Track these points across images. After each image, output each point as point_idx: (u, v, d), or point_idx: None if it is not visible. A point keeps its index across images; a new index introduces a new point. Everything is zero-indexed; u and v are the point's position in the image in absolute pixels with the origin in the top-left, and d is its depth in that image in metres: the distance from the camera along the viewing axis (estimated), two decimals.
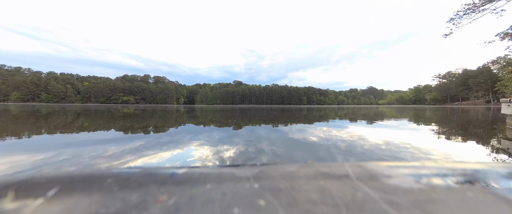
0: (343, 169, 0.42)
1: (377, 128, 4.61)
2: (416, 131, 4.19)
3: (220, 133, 3.80)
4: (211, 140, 3.07)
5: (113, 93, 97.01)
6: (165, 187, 0.35)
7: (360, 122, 6.06)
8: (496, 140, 3.16)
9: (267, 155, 2.24)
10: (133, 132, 3.91)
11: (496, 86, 46.54)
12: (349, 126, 5.11)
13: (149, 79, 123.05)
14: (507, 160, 2.14)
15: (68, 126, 4.80)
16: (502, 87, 41.83)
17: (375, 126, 5.13)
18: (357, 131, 4.16)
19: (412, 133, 3.83)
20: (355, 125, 5.35)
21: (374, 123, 5.77)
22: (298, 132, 3.97)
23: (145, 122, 5.80)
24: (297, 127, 4.85)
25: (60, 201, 0.31)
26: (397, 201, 0.31)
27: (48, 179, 0.36)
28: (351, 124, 5.49)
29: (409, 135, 3.65)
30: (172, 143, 2.84)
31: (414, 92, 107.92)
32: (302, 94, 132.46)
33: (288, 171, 0.41)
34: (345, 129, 4.49)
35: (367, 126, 5.10)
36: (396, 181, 0.38)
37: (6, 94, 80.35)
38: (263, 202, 0.31)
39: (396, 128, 4.68)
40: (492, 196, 0.33)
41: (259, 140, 3.03)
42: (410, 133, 3.82)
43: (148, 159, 2.08)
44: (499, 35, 16.62)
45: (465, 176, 0.40)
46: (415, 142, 2.99)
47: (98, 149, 2.43)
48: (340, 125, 5.33)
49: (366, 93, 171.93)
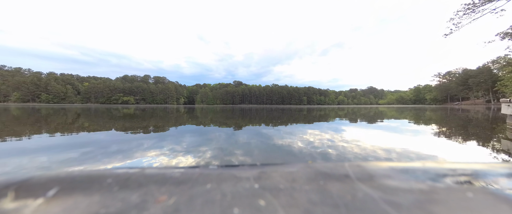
0: (343, 169, 0.42)
1: (377, 128, 4.60)
2: (416, 130, 4.19)
3: (220, 133, 3.80)
4: (211, 140, 3.07)
5: (113, 93, 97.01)
6: (165, 187, 0.35)
7: (360, 122, 6.06)
8: (496, 140, 3.16)
9: (267, 155, 2.24)
10: (133, 132, 3.91)
11: (496, 86, 46.55)
12: (349, 125, 5.11)
13: (149, 80, 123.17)
14: (507, 160, 2.15)
15: (73, 126, 4.80)
16: (502, 87, 41.83)
17: (375, 125, 5.13)
18: (357, 131, 4.16)
19: (412, 133, 3.82)
20: (355, 125, 5.35)
21: (374, 123, 5.77)
22: (298, 132, 3.97)
23: (145, 123, 5.80)
24: (297, 127, 4.85)
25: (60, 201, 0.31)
26: (397, 201, 0.31)
27: (48, 179, 0.36)
28: (351, 124, 5.49)
29: (409, 135, 3.65)
30: (172, 143, 2.84)
31: (414, 92, 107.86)
32: (302, 94, 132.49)
33: (288, 171, 0.41)
34: (345, 129, 4.48)
35: (367, 126, 5.10)
36: (396, 181, 0.38)
37: (6, 94, 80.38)
38: (263, 202, 0.31)
39: (396, 127, 4.68)
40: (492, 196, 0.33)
41: (259, 140, 3.03)
42: (410, 133, 3.82)
43: (148, 159, 2.08)
44: (499, 35, 16.62)
45: (465, 176, 0.40)
46: (415, 142, 2.99)
47: (98, 149, 2.43)
48: (340, 125, 5.33)
49: (366, 93, 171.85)
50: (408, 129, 4.42)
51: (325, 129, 4.46)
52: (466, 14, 13.19)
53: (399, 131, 4.18)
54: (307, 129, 4.38)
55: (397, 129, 4.51)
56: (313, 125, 5.31)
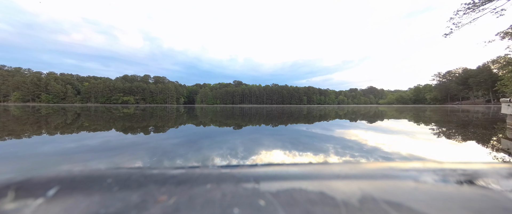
0: (343, 169, 0.42)
1: (377, 128, 4.60)
2: (416, 130, 4.19)
3: (220, 133, 3.80)
4: (211, 140, 3.07)
5: (113, 93, 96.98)
6: (165, 187, 0.35)
7: (360, 122, 6.06)
8: (496, 140, 3.16)
9: (267, 154, 2.24)
10: (133, 132, 3.91)
11: (496, 85, 46.50)
12: (348, 125, 5.11)
13: (149, 79, 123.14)
14: (507, 160, 2.15)
15: (76, 126, 4.80)
16: (502, 86, 41.82)
17: (375, 125, 5.12)
18: (357, 131, 4.16)
19: (412, 133, 3.82)
20: (355, 125, 5.35)
21: (374, 123, 5.77)
22: (298, 131, 3.97)
23: (145, 122, 5.80)
24: (297, 127, 4.85)
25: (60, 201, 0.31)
26: (397, 201, 0.32)
27: (48, 179, 0.37)
28: (351, 124, 5.48)
29: (409, 134, 3.65)
30: (172, 143, 2.84)
31: (414, 92, 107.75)
32: (302, 94, 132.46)
33: (288, 171, 0.42)
34: (345, 128, 4.49)
35: (367, 125, 5.10)
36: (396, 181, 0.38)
37: (6, 94, 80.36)
38: (263, 202, 0.31)
39: (396, 127, 4.68)
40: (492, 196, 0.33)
41: (259, 140, 3.03)
42: (410, 133, 3.82)
43: (148, 159, 2.08)
44: (499, 35, 16.62)
45: (465, 176, 0.40)
46: (415, 141, 2.99)
47: (98, 149, 2.43)
48: (340, 124, 5.33)
49: (366, 92, 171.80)
50: (408, 129, 4.42)
51: (325, 128, 4.46)
52: (466, 13, 13.19)
53: (399, 130, 4.17)
54: (307, 129, 4.38)
55: (397, 128, 4.50)
56: (313, 125, 5.31)
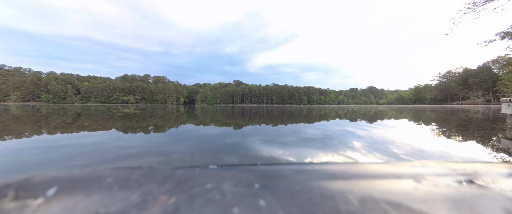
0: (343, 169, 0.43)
1: (376, 127, 4.60)
2: (416, 130, 4.19)
3: (220, 133, 3.80)
4: (211, 140, 3.07)
5: (113, 93, 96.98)
6: (165, 187, 0.35)
7: (360, 122, 6.06)
8: (496, 140, 3.16)
9: (267, 154, 2.24)
10: (133, 131, 3.91)
11: (496, 85, 46.54)
12: (348, 125, 5.11)
13: (149, 79, 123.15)
14: (507, 160, 2.14)
15: (76, 124, 4.80)
16: (502, 86, 41.85)
17: (375, 125, 5.12)
18: (357, 130, 4.16)
19: (412, 133, 3.82)
20: (355, 124, 5.35)
21: (374, 123, 5.77)
22: (298, 131, 3.97)
23: (145, 122, 5.80)
24: (297, 126, 4.85)
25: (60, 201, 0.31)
26: (397, 201, 0.31)
27: (48, 179, 0.37)
28: (351, 124, 5.48)
29: (409, 134, 3.64)
30: (172, 142, 2.84)
31: (414, 92, 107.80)
32: (302, 93, 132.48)
33: (288, 171, 0.42)
34: (345, 128, 4.48)
35: (367, 125, 5.10)
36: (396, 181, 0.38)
37: (6, 94, 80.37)
38: (263, 202, 0.31)
39: (396, 127, 4.68)
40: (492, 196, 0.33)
41: (259, 140, 3.03)
42: (409, 133, 3.82)
43: (148, 159, 2.08)
44: (499, 34, 16.61)
45: (465, 176, 0.40)
46: (414, 141, 2.99)
47: (98, 149, 2.43)
48: (339, 124, 5.33)
49: (366, 92, 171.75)
50: (408, 128, 4.42)
51: (325, 128, 4.45)
52: (466, 13, 13.19)
53: (398, 130, 4.17)
54: (307, 129, 4.38)
55: (397, 128, 4.50)
56: (312, 124, 5.31)
